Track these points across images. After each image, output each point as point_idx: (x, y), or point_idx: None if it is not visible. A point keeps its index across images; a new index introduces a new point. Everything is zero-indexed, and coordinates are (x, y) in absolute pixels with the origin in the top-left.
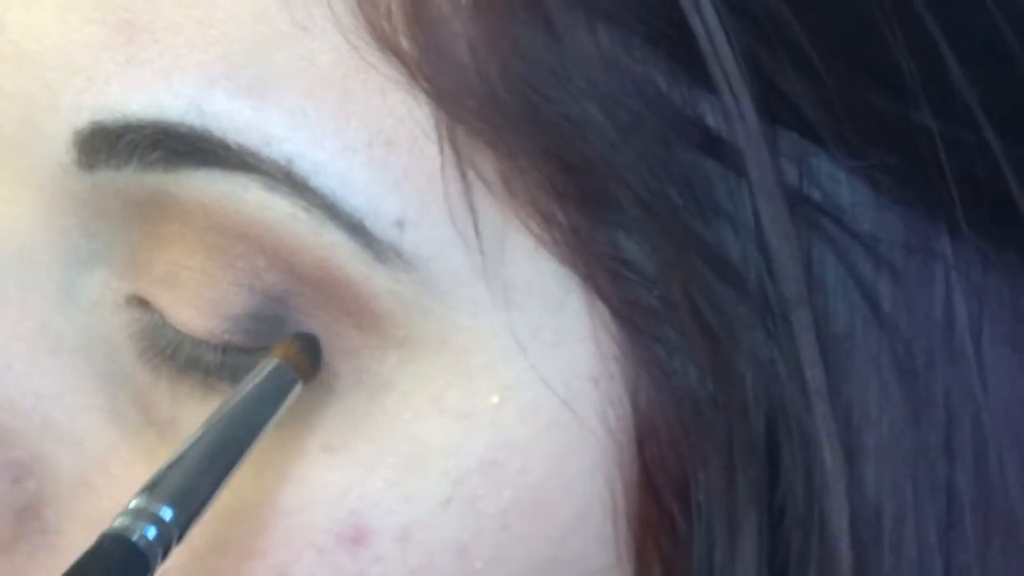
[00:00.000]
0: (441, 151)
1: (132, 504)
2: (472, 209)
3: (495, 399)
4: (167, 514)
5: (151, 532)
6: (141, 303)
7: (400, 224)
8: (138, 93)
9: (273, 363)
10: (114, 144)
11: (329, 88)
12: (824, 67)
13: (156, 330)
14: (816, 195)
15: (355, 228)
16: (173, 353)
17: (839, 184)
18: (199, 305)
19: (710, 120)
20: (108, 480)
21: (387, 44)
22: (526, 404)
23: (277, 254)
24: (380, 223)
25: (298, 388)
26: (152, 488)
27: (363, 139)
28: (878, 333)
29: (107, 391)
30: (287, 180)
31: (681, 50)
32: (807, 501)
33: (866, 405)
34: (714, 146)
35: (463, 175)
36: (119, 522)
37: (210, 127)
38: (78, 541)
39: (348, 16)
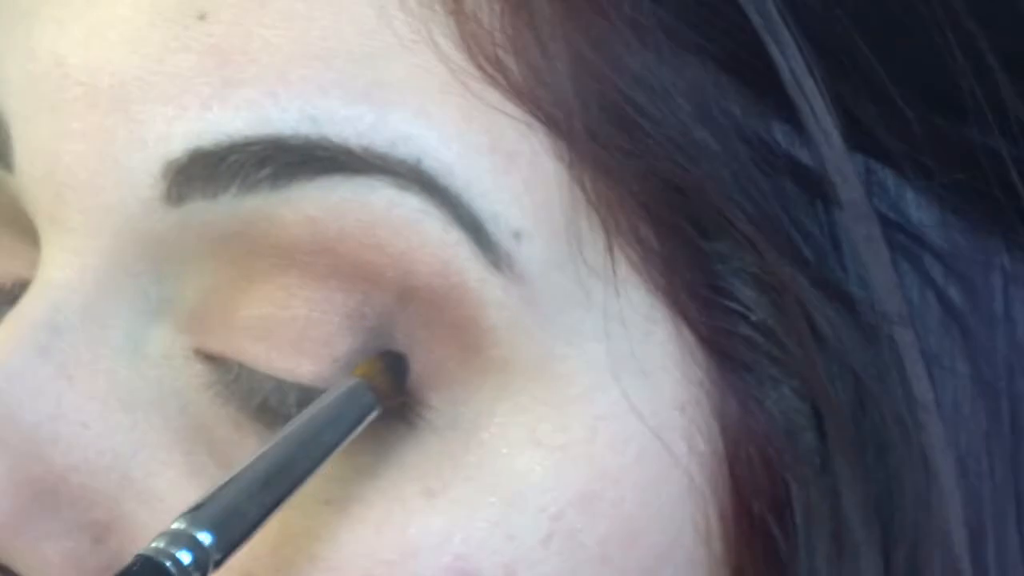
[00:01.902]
0: (557, 170)
1: (172, 526)
2: (580, 232)
3: (589, 430)
4: (207, 539)
5: (186, 557)
6: (213, 358)
7: (518, 236)
8: (242, 112)
9: (351, 382)
10: (215, 169)
11: (450, 92)
12: (895, 91)
13: (234, 382)
14: (892, 214)
15: (477, 232)
16: (251, 404)
17: (911, 205)
18: (305, 349)
19: (792, 148)
20: None
21: (490, 68)
22: (617, 434)
23: (396, 261)
24: (500, 231)
25: (374, 414)
26: (194, 511)
27: (486, 144)
28: (957, 345)
29: (183, 446)
30: (417, 179)
31: (761, 82)
32: (923, 515)
33: (959, 427)
34: (798, 172)
35: (574, 196)
36: (154, 544)
37: (328, 135)
38: None
39: (451, 42)
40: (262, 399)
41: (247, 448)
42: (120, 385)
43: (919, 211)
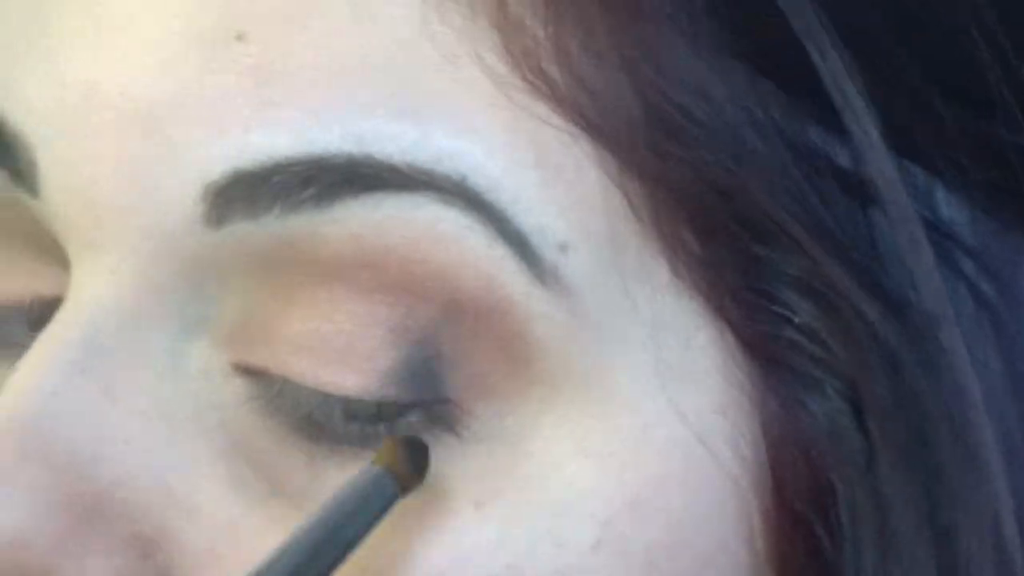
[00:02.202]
0: (601, 180)
1: None
2: (623, 241)
3: (636, 438)
4: None
5: None
6: (254, 372)
7: (564, 248)
8: (284, 132)
9: (373, 471)
10: (257, 190)
11: (494, 107)
12: (930, 94)
13: (275, 396)
14: (931, 216)
15: (523, 247)
16: (293, 416)
17: (949, 206)
18: (349, 363)
19: (834, 153)
20: (237, 551)
21: (534, 79)
22: (663, 440)
23: (441, 276)
24: (546, 244)
25: (396, 503)
26: None
27: (531, 158)
28: (988, 335)
29: (226, 461)
30: (461, 195)
31: (805, 90)
32: (975, 514)
33: (994, 415)
34: (841, 177)
35: (617, 205)
36: None
37: (371, 152)
38: None
39: (494, 54)
40: (307, 412)
41: (290, 462)
42: (160, 401)
43: (950, 209)
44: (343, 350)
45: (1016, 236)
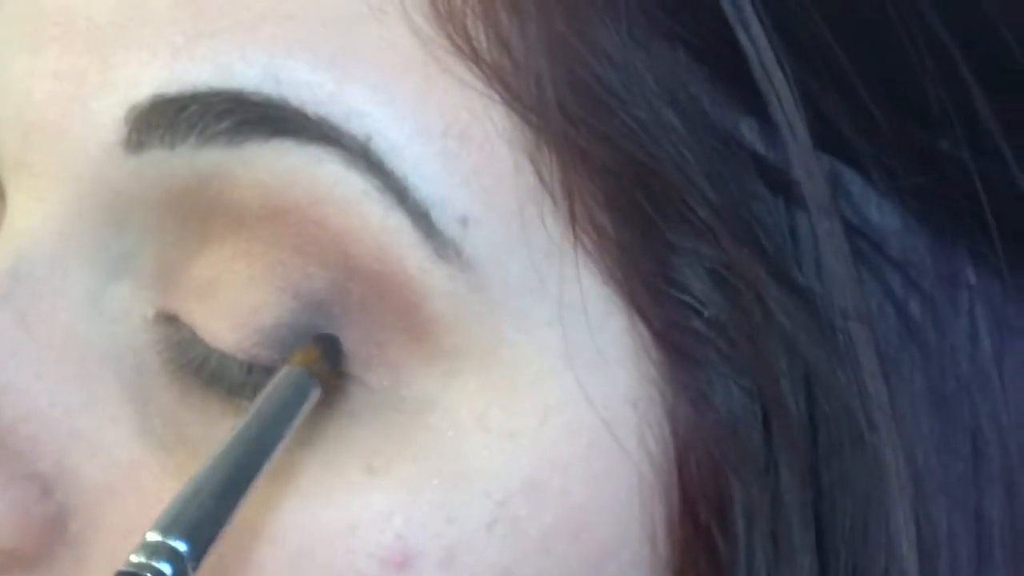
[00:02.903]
0: (511, 153)
1: (147, 539)
2: (532, 217)
3: (538, 418)
4: (182, 547)
5: (167, 569)
6: (169, 318)
7: (464, 222)
8: (208, 63)
9: (293, 370)
10: (175, 117)
11: (410, 71)
12: (865, 93)
13: (184, 344)
14: (852, 217)
15: (421, 217)
16: (199, 369)
17: (873, 208)
18: (235, 315)
19: (755, 141)
20: (136, 492)
21: (463, 46)
22: (567, 424)
23: (337, 240)
24: (446, 216)
25: (316, 394)
26: (167, 521)
27: (439, 127)
28: (913, 355)
29: (135, 405)
30: (364, 157)
31: (728, 71)
32: (872, 522)
33: (903, 430)
34: (761, 165)
35: (529, 180)
36: (134, 560)
37: (288, 96)
38: (104, 552)
39: (421, 10)
40: (202, 362)
41: (191, 411)
42: (76, 339)
43: (882, 215)
44: (231, 302)
45: (951, 249)
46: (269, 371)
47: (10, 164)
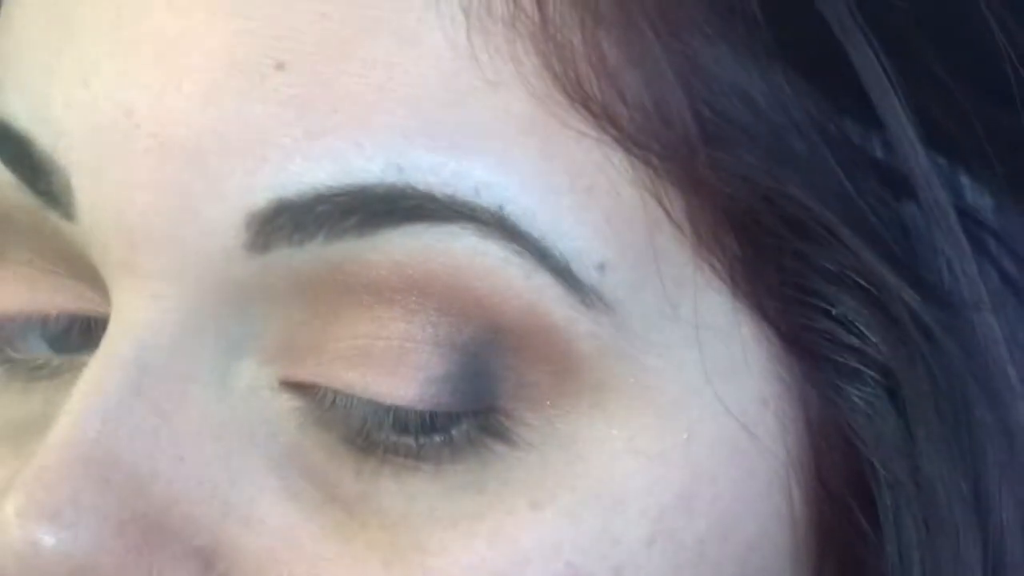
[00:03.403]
0: (636, 193)
1: None
2: (661, 250)
3: (684, 435)
4: None
5: None
6: (295, 387)
7: (602, 268)
8: (325, 162)
9: None
10: (301, 219)
11: (529, 135)
12: (956, 87)
13: (326, 410)
14: (964, 207)
15: (563, 272)
16: (345, 428)
17: (979, 196)
18: (402, 373)
19: (871, 148)
20: (297, 555)
21: (576, 96)
22: (711, 435)
23: (482, 304)
24: (585, 267)
25: None
26: None
27: (566, 184)
28: (1013, 307)
29: (279, 472)
30: (499, 226)
31: (840, 85)
32: (1011, 484)
33: None
34: (879, 171)
35: (654, 215)
36: None
37: (412, 182)
38: None
39: (535, 71)
40: (358, 425)
41: (342, 472)
42: (211, 418)
43: (974, 196)
44: (394, 362)
45: None
46: (423, 428)
47: (115, 266)
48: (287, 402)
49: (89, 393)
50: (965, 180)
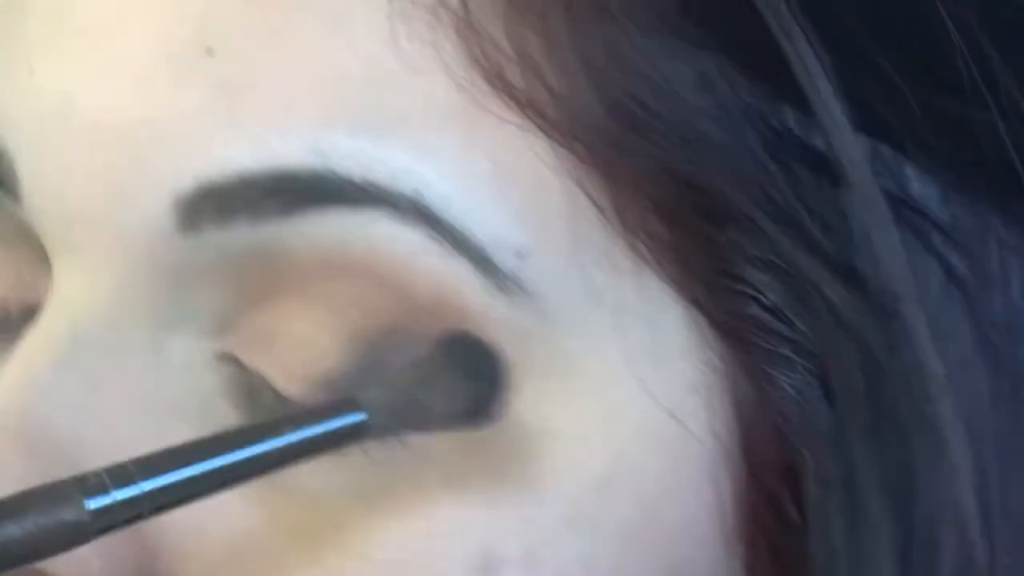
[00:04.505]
0: (558, 179)
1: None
2: (584, 236)
3: (606, 419)
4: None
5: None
6: (232, 360)
7: (521, 254)
8: (248, 146)
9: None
10: (225, 200)
11: (449, 121)
12: (898, 74)
13: (250, 388)
14: (897, 191)
15: (479, 259)
16: (263, 412)
17: (916, 181)
18: (302, 364)
19: (800, 132)
20: (219, 524)
21: (498, 83)
22: (635, 420)
23: (399, 290)
24: (503, 253)
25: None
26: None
27: (486, 171)
28: (959, 309)
29: None
30: (415, 212)
31: (770, 70)
32: (938, 486)
33: (964, 391)
34: (808, 156)
35: (576, 201)
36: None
37: (332, 167)
38: None
39: (457, 58)
40: (271, 406)
41: None
42: (142, 390)
43: (921, 186)
44: (295, 353)
45: (985, 211)
46: None
47: (54, 245)
48: (220, 377)
49: (20, 366)
50: (912, 171)
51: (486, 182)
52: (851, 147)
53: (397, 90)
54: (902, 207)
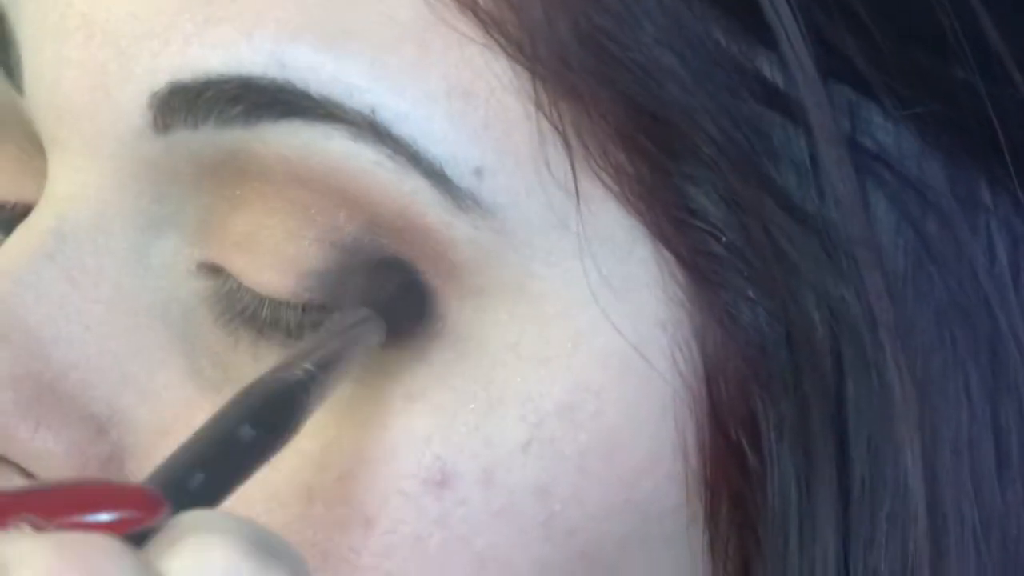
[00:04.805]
0: (519, 102)
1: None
2: (547, 159)
3: (569, 345)
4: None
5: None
6: (213, 269)
7: (479, 172)
8: (218, 50)
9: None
10: (193, 102)
11: (409, 41)
12: (874, 24)
13: (231, 294)
14: (868, 143)
15: (436, 176)
16: (251, 316)
17: (888, 134)
18: (278, 265)
19: (767, 72)
20: (188, 430)
21: (463, 1)
22: (599, 349)
23: (359, 204)
24: (460, 171)
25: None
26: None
27: (442, 89)
28: (931, 272)
29: (184, 351)
30: (371, 129)
31: (739, 7)
32: (879, 433)
33: (923, 341)
34: (772, 97)
35: (539, 125)
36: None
37: (292, 79)
38: None
39: None
40: (254, 311)
41: (244, 356)
42: (123, 291)
43: (899, 142)
44: (273, 252)
45: (967, 171)
46: (323, 309)
47: (48, 140)
48: (202, 283)
49: (3, 257)
50: (881, 122)
51: (442, 100)
52: (813, 86)
53: (361, 6)
54: (876, 161)
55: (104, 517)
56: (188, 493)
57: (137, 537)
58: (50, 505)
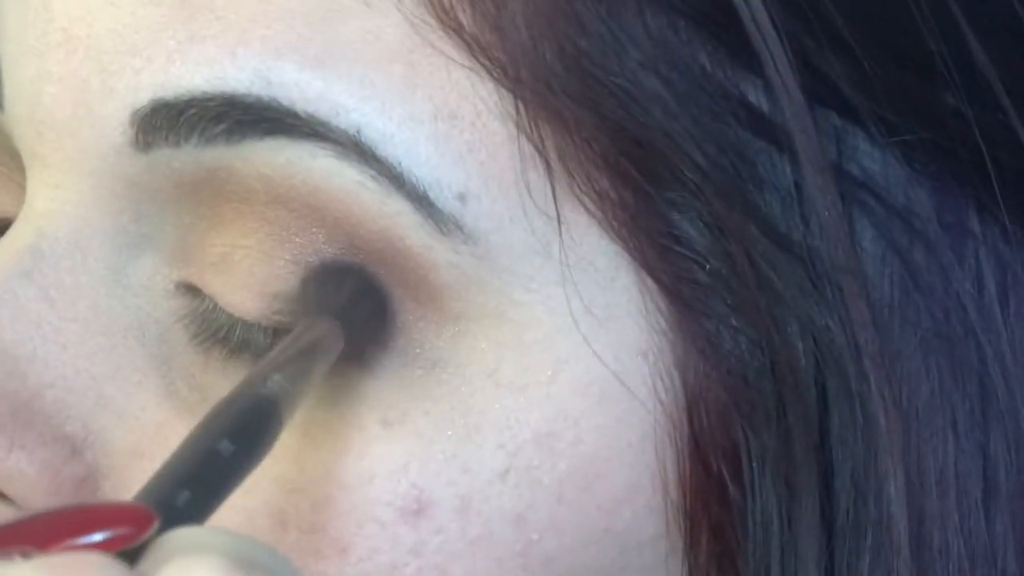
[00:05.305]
0: (504, 127)
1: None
2: (530, 185)
3: (549, 372)
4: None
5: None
6: (190, 289)
7: (462, 197)
8: (202, 67)
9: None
10: (176, 120)
11: (395, 61)
12: (861, 50)
13: (207, 315)
14: (855, 170)
15: (419, 199)
16: (224, 337)
17: (875, 161)
18: (252, 286)
19: (753, 98)
20: (164, 453)
21: (448, 23)
22: (579, 378)
23: (340, 224)
24: (443, 195)
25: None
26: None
27: (428, 112)
28: (917, 301)
29: (160, 372)
30: (355, 149)
31: (725, 32)
32: (863, 465)
33: (909, 371)
34: (758, 123)
35: (523, 150)
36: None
37: (278, 97)
38: None
39: None
40: (227, 332)
41: (217, 376)
42: (100, 311)
43: (886, 169)
44: (247, 275)
45: (955, 199)
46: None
47: (27, 155)
48: (180, 304)
49: None
50: (867, 148)
51: (428, 123)
52: (799, 111)
53: (347, 25)
54: (853, 183)
55: (98, 537)
56: (176, 510)
57: (128, 555)
58: (44, 532)
